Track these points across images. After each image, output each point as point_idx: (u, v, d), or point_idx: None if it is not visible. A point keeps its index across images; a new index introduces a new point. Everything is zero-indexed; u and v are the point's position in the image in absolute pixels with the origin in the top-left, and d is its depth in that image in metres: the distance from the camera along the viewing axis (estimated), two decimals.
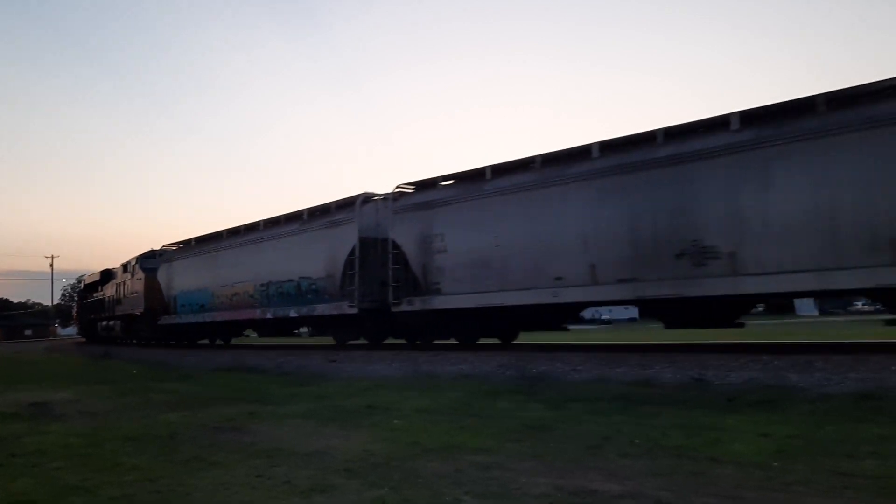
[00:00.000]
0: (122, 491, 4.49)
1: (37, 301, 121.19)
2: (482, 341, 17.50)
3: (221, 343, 28.26)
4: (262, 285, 21.44)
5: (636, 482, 4.28)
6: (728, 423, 6.24)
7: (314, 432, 6.68)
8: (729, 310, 12.58)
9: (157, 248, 29.91)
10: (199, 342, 28.64)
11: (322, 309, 18.92)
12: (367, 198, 18.21)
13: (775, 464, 4.65)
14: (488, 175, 15.36)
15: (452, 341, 17.68)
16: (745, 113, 11.64)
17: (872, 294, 11.48)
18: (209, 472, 4.96)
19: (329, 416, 7.74)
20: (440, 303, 15.78)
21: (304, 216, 20.44)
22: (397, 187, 17.50)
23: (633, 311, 25.56)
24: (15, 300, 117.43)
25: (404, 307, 16.59)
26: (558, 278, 13.50)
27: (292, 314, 20.23)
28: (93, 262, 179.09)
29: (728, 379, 8.73)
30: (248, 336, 28.00)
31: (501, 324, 16.59)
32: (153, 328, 28.68)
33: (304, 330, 26.24)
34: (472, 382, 10.39)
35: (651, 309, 14.22)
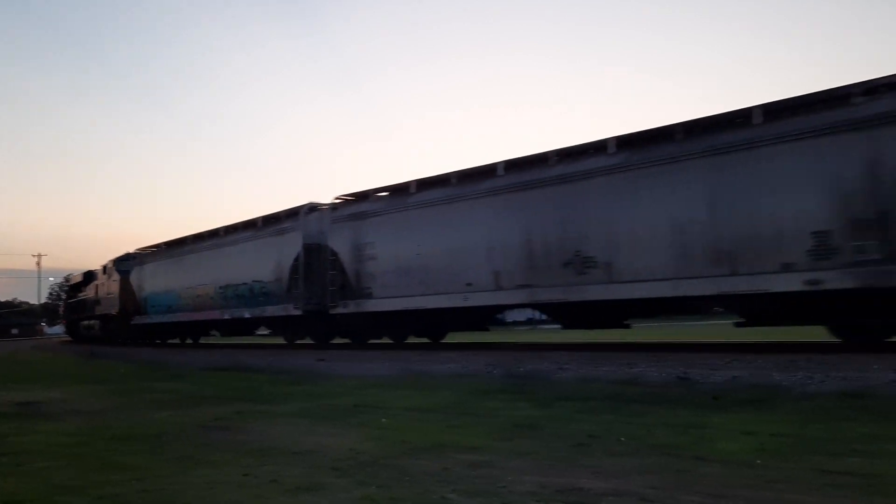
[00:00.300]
0: (111, 490, 4.49)
1: (24, 300, 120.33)
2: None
3: (191, 342, 29.61)
4: (221, 288, 23.24)
5: (622, 480, 4.32)
6: (713, 421, 6.30)
7: (304, 431, 6.69)
8: (615, 313, 14.02)
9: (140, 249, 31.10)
10: (170, 341, 29.97)
11: (271, 310, 20.75)
12: (311, 207, 19.93)
13: (759, 462, 4.70)
14: (412, 189, 17.04)
15: (386, 340, 19.75)
16: (620, 138, 13.17)
17: (717, 300, 12.78)
18: (198, 471, 4.97)
19: (319, 415, 7.76)
20: (371, 306, 17.55)
21: (259, 223, 22.14)
22: (336, 198, 19.31)
23: None
24: (2, 299, 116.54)
25: (340, 309, 18.30)
26: (469, 284, 15.17)
27: (246, 315, 22.06)
28: (81, 261, 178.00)
29: (713, 378, 8.80)
30: (214, 335, 29.40)
31: (429, 324, 18.17)
32: (127, 328, 30.14)
33: (267, 331, 27.43)
34: (461, 381, 10.42)
35: (547, 311, 15.79)
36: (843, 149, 10.55)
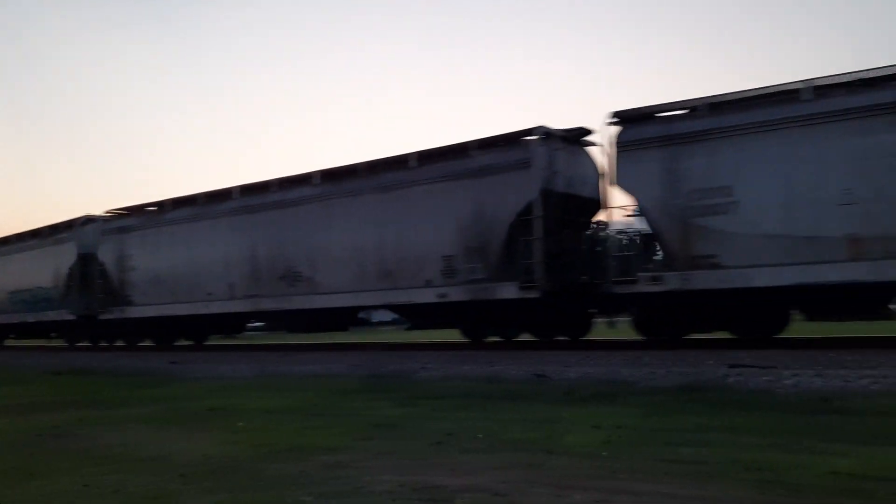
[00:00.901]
0: None
1: None
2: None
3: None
4: (10, 293, 24.75)
5: (477, 476, 4.42)
6: (564, 416, 6.58)
7: (151, 437, 6.38)
8: (323, 319, 16.56)
9: None
10: None
11: (51, 315, 22.54)
12: (87, 219, 21.70)
13: (605, 453, 4.96)
14: (168, 207, 19.35)
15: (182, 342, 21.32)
16: (324, 172, 15.97)
17: (389, 308, 15.89)
18: (32, 483, 4.62)
19: (168, 420, 7.42)
20: (132, 312, 19.76)
21: (45, 233, 23.52)
22: (106, 211, 21.41)
23: None
24: None
25: (107, 315, 20.40)
26: (209, 293, 17.51)
27: (30, 319, 23.82)
28: None
29: (566, 374, 9.20)
30: (12, 338, 29.57)
31: (188, 329, 20.48)
32: None
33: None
34: (322, 382, 10.31)
35: (268, 318, 18.59)
36: (462, 192, 13.56)
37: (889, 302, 11.43)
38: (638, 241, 12.35)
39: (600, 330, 15.17)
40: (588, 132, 13.50)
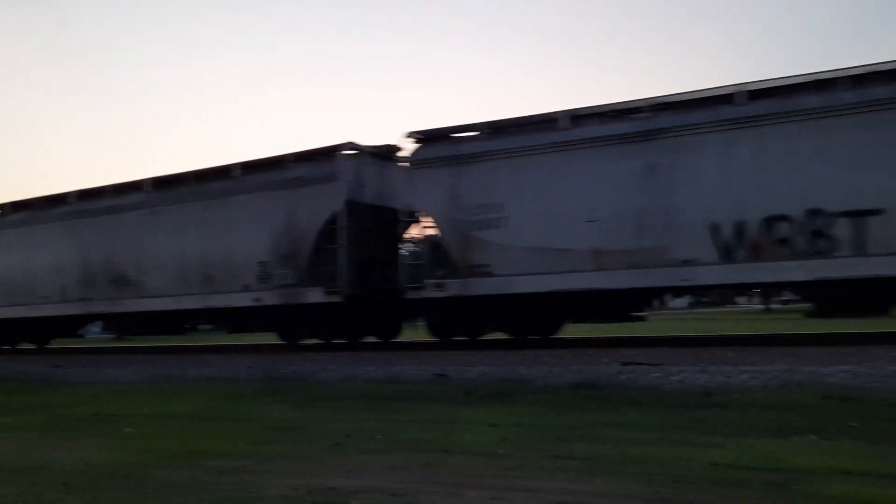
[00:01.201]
0: None
1: None
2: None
3: None
4: None
5: (374, 476, 4.40)
6: (463, 415, 6.65)
7: (30, 445, 6.02)
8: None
9: None
10: None
11: None
12: None
13: (501, 451, 5.04)
14: (8, 209, 19.41)
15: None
16: (155, 179, 16.59)
17: (205, 313, 16.31)
18: None
19: (50, 427, 7.03)
20: None
21: None
22: None
23: None
24: None
25: None
26: (44, 296, 17.96)
27: None
28: None
29: (467, 374, 9.30)
30: None
31: (28, 331, 20.14)
32: None
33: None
34: (216, 385, 10.02)
35: (101, 320, 19.04)
36: (278, 201, 14.39)
37: (634, 308, 12.65)
38: (429, 252, 13.44)
39: (407, 332, 16.61)
40: (399, 149, 14.31)
